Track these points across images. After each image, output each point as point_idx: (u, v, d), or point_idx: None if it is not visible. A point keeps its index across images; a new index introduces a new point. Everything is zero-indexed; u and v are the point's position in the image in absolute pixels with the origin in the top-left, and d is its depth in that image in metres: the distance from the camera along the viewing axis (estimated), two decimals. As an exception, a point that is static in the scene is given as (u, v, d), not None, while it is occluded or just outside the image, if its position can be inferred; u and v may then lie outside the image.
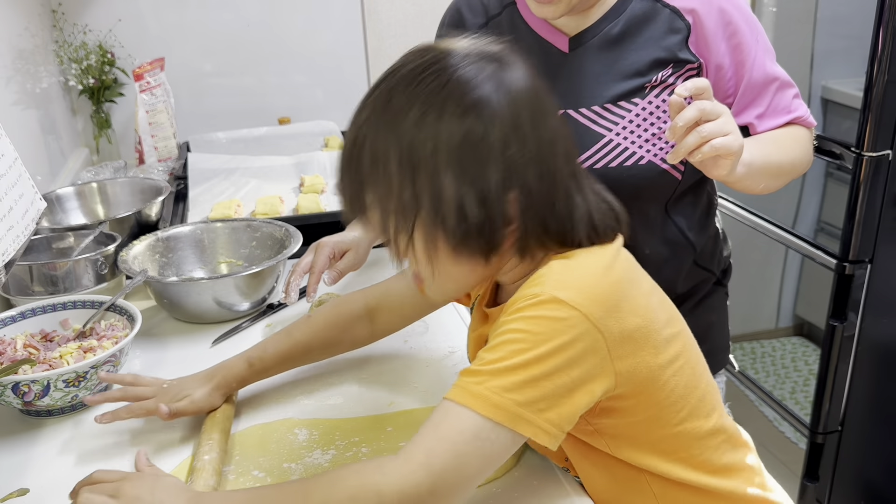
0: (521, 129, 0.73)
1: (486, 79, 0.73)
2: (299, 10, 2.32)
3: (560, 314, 0.71)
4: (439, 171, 0.71)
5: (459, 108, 0.71)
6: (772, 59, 1.12)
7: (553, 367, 0.71)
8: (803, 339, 2.27)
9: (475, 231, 0.73)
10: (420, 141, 0.71)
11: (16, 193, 1.07)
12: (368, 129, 0.74)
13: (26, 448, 1.01)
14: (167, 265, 1.40)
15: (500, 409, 0.70)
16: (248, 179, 1.87)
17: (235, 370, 1.03)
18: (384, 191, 0.74)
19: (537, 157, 0.74)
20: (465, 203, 0.72)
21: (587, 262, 0.76)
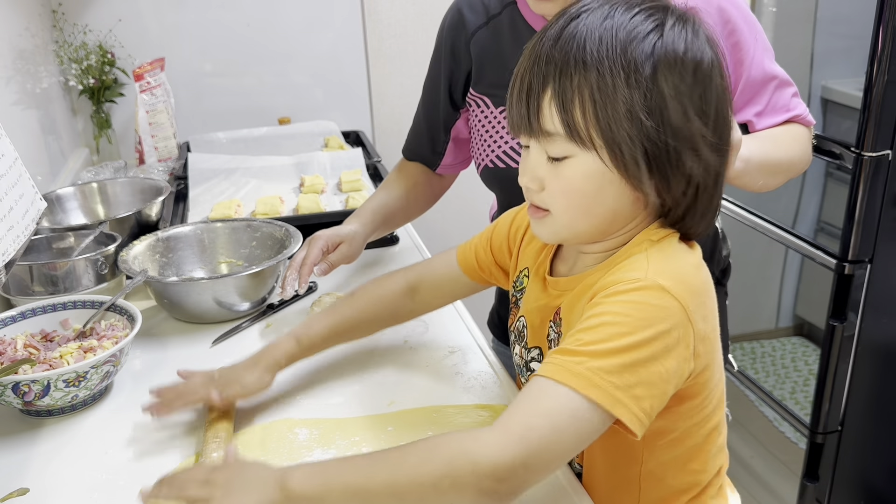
0: (726, 81, 0.77)
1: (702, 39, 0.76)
2: (299, 10, 2.32)
3: (662, 302, 0.72)
4: (676, 108, 0.73)
5: (683, 38, 0.74)
6: (770, 58, 1.12)
7: (650, 354, 0.71)
8: (803, 339, 2.27)
9: (696, 171, 0.75)
10: (648, 53, 0.72)
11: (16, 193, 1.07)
12: (589, 31, 0.74)
13: (26, 448, 1.01)
14: (167, 265, 1.40)
15: (600, 390, 0.70)
16: (249, 179, 1.87)
17: (285, 347, 1.04)
18: (609, 113, 0.73)
19: (724, 124, 0.77)
20: (697, 144, 0.74)
21: (683, 256, 0.78)
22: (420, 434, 0.97)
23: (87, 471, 0.95)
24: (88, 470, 0.95)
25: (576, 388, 0.70)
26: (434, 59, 1.29)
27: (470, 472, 0.70)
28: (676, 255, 0.78)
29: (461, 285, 1.07)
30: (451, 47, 1.23)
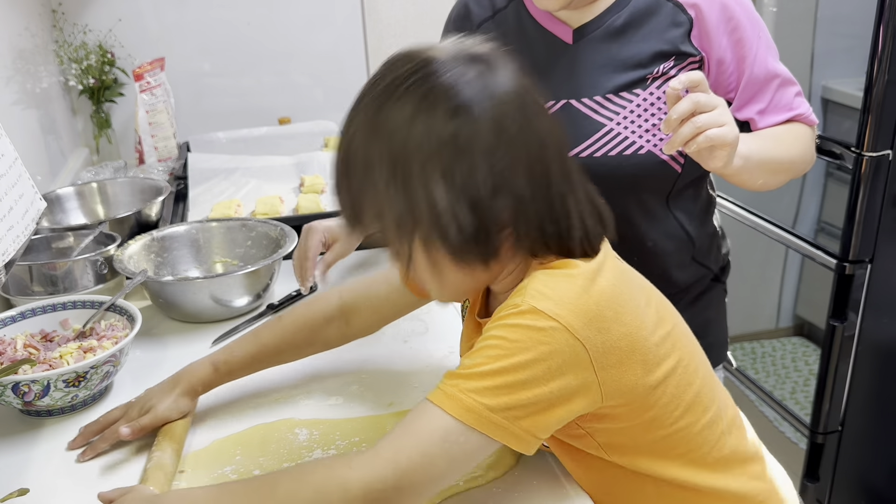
0: (506, 131, 0.72)
1: (469, 82, 0.72)
2: (299, 10, 2.32)
3: (539, 324, 0.71)
4: (429, 180, 0.71)
5: (445, 113, 0.71)
6: (774, 57, 1.12)
7: (529, 377, 0.71)
8: (803, 339, 2.27)
9: (471, 238, 0.73)
10: (408, 150, 0.71)
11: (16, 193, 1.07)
12: (357, 142, 0.74)
13: (26, 448, 1.01)
14: (163, 265, 1.40)
15: (470, 413, 0.71)
16: (249, 179, 1.87)
17: (200, 374, 1.02)
18: (379, 204, 0.74)
19: (526, 159, 0.74)
20: (458, 211, 0.72)
21: (570, 274, 0.75)
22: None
23: (86, 470, 0.95)
24: (88, 470, 0.95)
25: (448, 411, 0.71)
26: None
27: (340, 497, 0.70)
28: (564, 274, 0.75)
29: (403, 304, 1.05)
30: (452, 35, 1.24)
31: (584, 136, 1.10)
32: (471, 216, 0.72)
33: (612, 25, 1.09)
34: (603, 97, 1.09)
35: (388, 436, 0.73)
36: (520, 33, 1.16)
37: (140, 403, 1.00)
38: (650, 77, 1.08)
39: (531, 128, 0.75)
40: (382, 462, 0.71)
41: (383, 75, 0.75)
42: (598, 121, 1.10)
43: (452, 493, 0.87)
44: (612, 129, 1.09)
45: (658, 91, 1.09)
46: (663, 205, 1.14)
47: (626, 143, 1.09)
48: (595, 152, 1.10)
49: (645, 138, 1.09)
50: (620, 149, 1.09)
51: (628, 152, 1.09)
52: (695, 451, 0.83)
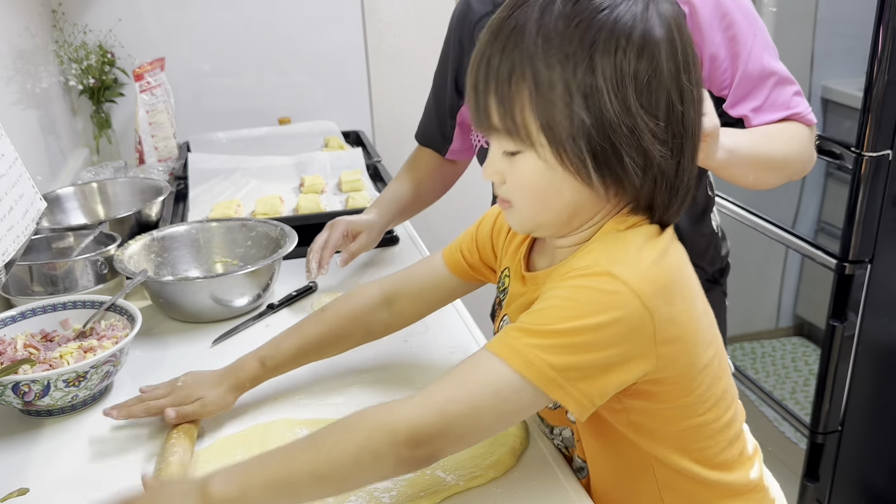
0: (687, 65, 0.73)
1: (645, 12, 0.71)
2: (299, 10, 2.32)
3: (610, 287, 0.71)
4: (613, 101, 0.70)
5: (627, 43, 0.70)
6: (772, 55, 1.12)
7: (594, 340, 0.70)
8: (803, 339, 2.27)
9: (638, 165, 0.72)
10: (591, 67, 0.70)
11: (16, 193, 1.07)
12: (526, 47, 0.71)
13: (26, 448, 1.01)
14: (163, 265, 1.40)
15: (531, 367, 0.70)
16: (249, 179, 1.87)
17: (247, 369, 1.02)
18: (548, 111, 0.71)
19: (697, 99, 0.75)
20: (640, 136, 0.71)
21: (644, 243, 0.75)
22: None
23: (87, 471, 0.95)
24: (88, 470, 0.95)
25: (508, 362, 0.71)
26: (444, 48, 1.32)
27: (388, 441, 0.71)
28: (635, 243, 0.75)
29: (446, 290, 1.05)
30: (458, 36, 1.27)
31: None
32: (645, 144, 0.71)
33: None
34: None
35: (442, 380, 0.73)
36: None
37: (187, 390, 0.99)
38: None
39: (697, 66, 0.75)
40: (431, 408, 0.71)
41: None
42: None
43: (452, 493, 0.87)
44: None
45: None
46: None
47: None
48: None
49: None
50: None
51: None
52: (711, 449, 0.83)
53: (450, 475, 0.89)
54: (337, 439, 0.73)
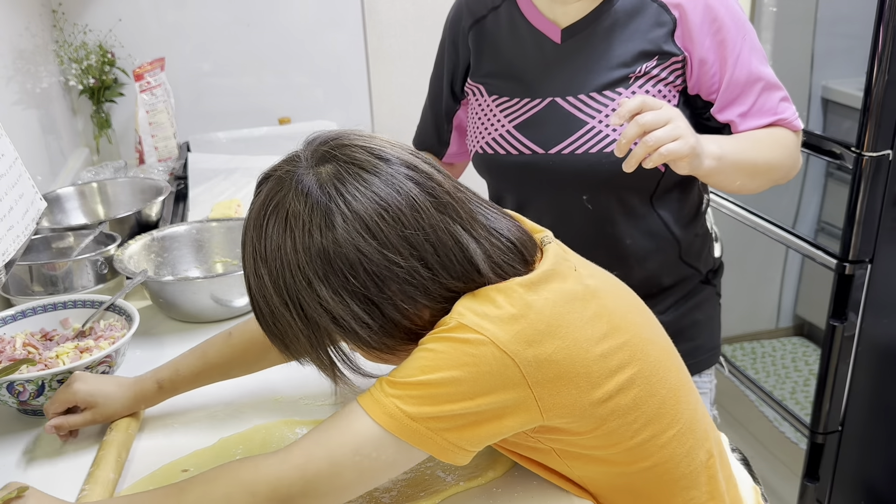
0: (369, 232, 0.73)
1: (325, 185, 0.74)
2: (299, 9, 2.32)
3: (466, 337, 0.71)
4: (320, 298, 0.73)
5: (307, 231, 0.72)
6: (760, 60, 1.12)
7: (455, 390, 0.71)
8: (803, 339, 2.27)
9: (384, 331, 0.75)
10: (287, 278, 0.73)
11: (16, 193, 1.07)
12: (252, 279, 0.78)
13: (25, 447, 1.00)
14: (163, 265, 1.40)
15: (391, 418, 0.71)
16: (249, 179, 1.87)
17: (145, 390, 1.00)
18: (291, 330, 0.76)
19: (399, 246, 0.73)
20: (360, 314, 0.73)
21: (498, 290, 0.75)
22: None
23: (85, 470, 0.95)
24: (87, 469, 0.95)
25: (369, 414, 0.71)
26: (439, 52, 1.32)
27: (248, 501, 0.71)
28: (484, 296, 0.75)
29: None
30: (452, 40, 1.27)
31: (566, 134, 1.12)
32: (368, 314, 0.73)
33: (600, 26, 1.11)
34: (587, 95, 1.12)
35: (304, 438, 0.74)
36: (511, 32, 1.18)
37: (84, 397, 0.97)
38: (633, 76, 1.11)
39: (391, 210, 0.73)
40: (291, 467, 0.71)
41: (252, 203, 0.79)
42: (580, 119, 1.12)
43: (452, 493, 0.87)
44: (594, 127, 1.11)
45: (640, 90, 1.11)
46: (646, 204, 1.15)
47: (606, 141, 1.10)
48: (577, 149, 1.12)
49: None
50: (601, 146, 1.11)
51: (608, 150, 1.10)
52: (663, 465, 0.81)
53: (450, 475, 0.89)
54: (200, 494, 0.73)
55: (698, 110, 1.16)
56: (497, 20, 1.19)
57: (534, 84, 1.16)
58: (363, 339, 0.75)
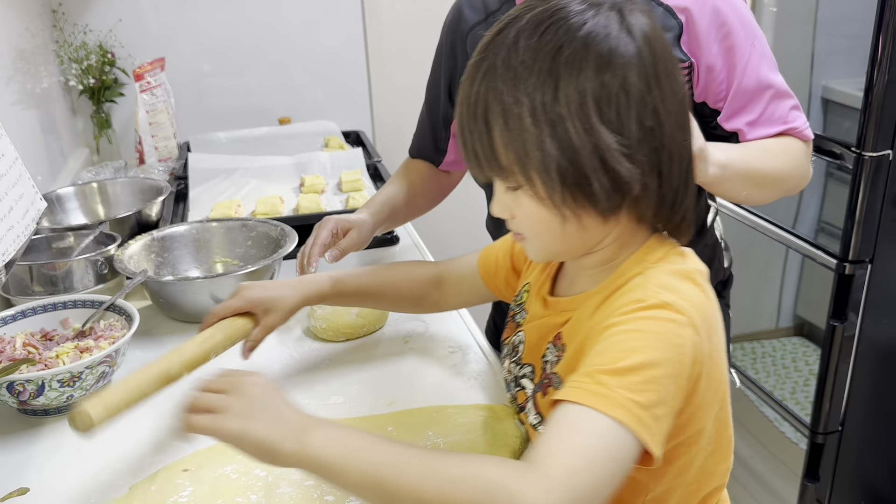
0: (659, 78, 0.71)
1: (614, 26, 0.70)
2: (299, 10, 2.33)
3: (674, 318, 0.70)
4: (577, 124, 0.69)
5: (591, 59, 0.69)
6: (770, 67, 1.09)
7: (665, 372, 0.68)
8: (803, 339, 2.27)
9: (604, 188, 0.71)
10: (555, 95, 0.69)
11: (16, 193, 1.08)
12: (496, 85, 0.71)
13: (26, 447, 1.01)
14: (163, 265, 1.40)
15: (625, 411, 0.65)
16: (249, 179, 1.87)
17: (319, 283, 1.03)
18: (519, 146, 0.71)
19: (671, 113, 0.72)
20: (604, 156, 0.69)
21: (687, 272, 0.75)
22: (420, 434, 0.97)
23: (86, 470, 0.95)
24: (88, 469, 0.95)
25: (608, 413, 0.65)
26: (436, 57, 1.30)
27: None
28: (675, 274, 0.75)
29: (478, 289, 1.05)
30: (450, 45, 1.25)
31: None
32: (611, 163, 0.70)
33: None
34: None
35: (554, 451, 0.64)
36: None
37: (257, 301, 0.98)
38: None
39: (675, 79, 0.73)
40: (556, 485, 0.63)
41: (518, 16, 0.73)
42: None
43: (452, 493, 0.87)
44: None
45: None
46: None
47: None
48: None
49: None
50: None
51: None
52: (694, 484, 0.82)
53: (450, 475, 0.89)
54: (456, 476, 0.65)
55: (705, 118, 1.11)
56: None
57: None
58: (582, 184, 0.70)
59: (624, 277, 0.77)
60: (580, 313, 0.80)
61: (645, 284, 0.73)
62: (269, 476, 0.91)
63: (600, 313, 0.76)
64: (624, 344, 0.69)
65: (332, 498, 0.86)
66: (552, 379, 0.81)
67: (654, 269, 0.75)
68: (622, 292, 0.75)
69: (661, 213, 0.75)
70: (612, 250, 0.79)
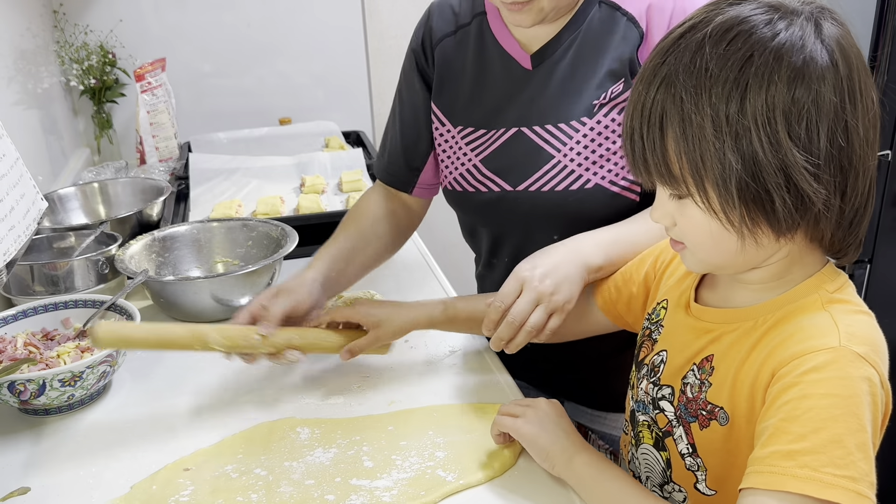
0: (854, 93, 0.67)
1: (809, 38, 0.66)
2: (300, 10, 2.33)
3: (863, 373, 0.66)
4: (763, 139, 0.65)
5: (783, 71, 0.65)
6: None
7: (865, 432, 0.65)
8: (804, 339, 2.26)
9: (789, 206, 0.67)
10: (741, 106, 0.65)
11: (17, 193, 1.08)
12: (676, 91, 0.68)
13: (27, 447, 1.01)
14: (164, 265, 1.40)
15: (840, 490, 0.63)
16: (249, 180, 1.87)
17: (430, 309, 1.06)
18: (696, 157, 0.68)
19: (866, 128, 0.68)
20: (790, 173, 0.65)
21: (860, 304, 0.72)
22: (420, 434, 0.97)
23: (87, 469, 0.95)
24: (89, 469, 0.95)
25: (819, 496, 0.63)
26: (405, 73, 1.20)
27: None
28: (858, 311, 0.71)
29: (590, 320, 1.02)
30: (422, 51, 1.17)
31: (533, 169, 1.06)
32: (797, 181, 0.66)
33: (569, 49, 1.04)
34: (553, 125, 1.04)
35: None
36: (479, 54, 1.10)
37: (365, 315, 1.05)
38: (597, 104, 1.02)
39: (869, 94, 0.68)
40: None
41: (701, 22, 0.69)
42: (547, 151, 1.05)
43: (452, 493, 0.87)
44: (560, 162, 1.04)
45: (606, 119, 1.02)
46: None
47: (571, 178, 1.04)
48: (543, 186, 1.05)
49: (592, 171, 1.03)
50: (566, 184, 1.04)
51: (574, 187, 1.03)
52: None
53: (450, 474, 0.89)
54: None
55: None
56: (465, 39, 1.11)
57: (500, 112, 1.08)
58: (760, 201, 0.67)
59: (796, 304, 0.73)
60: (737, 334, 0.76)
61: (831, 326, 0.69)
62: (269, 475, 0.91)
63: (770, 343, 0.72)
64: (819, 413, 0.65)
65: (332, 497, 0.86)
66: (714, 411, 0.77)
67: (838, 310, 0.71)
68: (806, 332, 0.70)
69: (838, 233, 0.71)
70: (780, 267, 0.75)
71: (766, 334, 0.73)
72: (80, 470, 0.95)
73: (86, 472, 0.95)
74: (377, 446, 0.95)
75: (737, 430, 0.75)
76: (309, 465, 0.92)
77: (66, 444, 1.01)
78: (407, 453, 0.93)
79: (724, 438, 0.76)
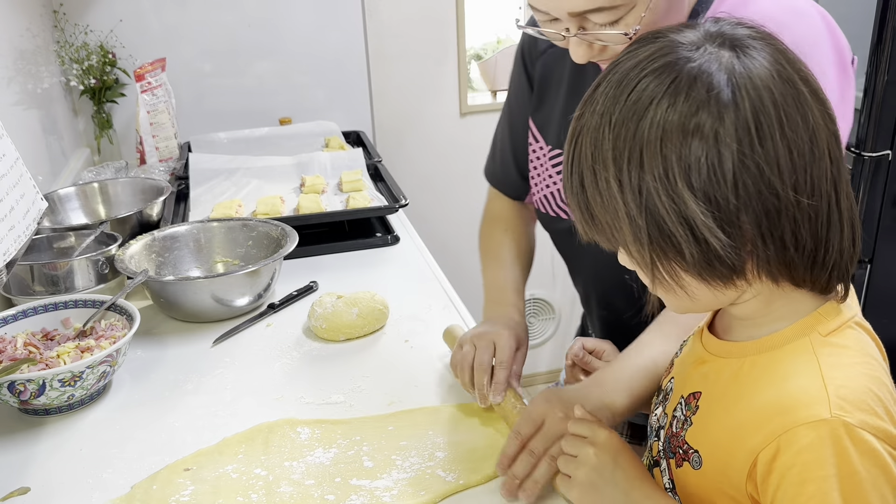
0: (762, 127, 0.61)
1: (720, 67, 0.62)
2: (300, 10, 2.33)
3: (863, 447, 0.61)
4: (661, 193, 0.63)
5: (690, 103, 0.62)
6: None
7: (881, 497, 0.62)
8: (804, 339, 2.26)
9: (714, 255, 0.63)
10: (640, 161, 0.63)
11: (17, 193, 1.08)
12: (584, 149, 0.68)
13: (27, 447, 1.01)
14: (164, 264, 1.40)
15: None
16: (249, 180, 1.87)
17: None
18: (610, 212, 0.67)
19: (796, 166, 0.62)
20: (699, 224, 0.62)
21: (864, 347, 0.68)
22: (420, 434, 0.97)
23: (87, 469, 0.95)
24: (89, 469, 0.95)
25: None
26: (514, 77, 1.19)
27: None
28: (852, 361, 0.66)
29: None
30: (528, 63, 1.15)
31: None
32: (701, 234, 0.63)
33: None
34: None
35: None
36: (579, 69, 1.05)
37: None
38: None
39: (794, 122, 0.62)
40: None
41: (624, 60, 0.67)
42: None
43: (452, 493, 0.87)
44: None
45: None
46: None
47: None
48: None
49: None
50: None
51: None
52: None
53: (450, 474, 0.89)
54: None
55: None
56: (566, 53, 1.03)
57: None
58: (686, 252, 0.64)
59: (782, 350, 0.69)
60: (725, 374, 0.73)
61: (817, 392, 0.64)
62: (269, 475, 0.91)
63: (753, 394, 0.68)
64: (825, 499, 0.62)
65: (332, 497, 0.86)
66: (689, 452, 0.74)
67: (829, 361, 0.66)
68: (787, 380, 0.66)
69: (795, 274, 0.66)
70: (758, 304, 0.70)
71: (750, 383, 0.69)
72: (80, 470, 0.95)
73: (86, 472, 0.95)
74: (377, 446, 0.95)
75: (709, 479, 0.72)
76: (309, 465, 0.93)
77: (66, 444, 1.01)
78: (407, 453, 0.94)
79: (695, 483, 0.74)
